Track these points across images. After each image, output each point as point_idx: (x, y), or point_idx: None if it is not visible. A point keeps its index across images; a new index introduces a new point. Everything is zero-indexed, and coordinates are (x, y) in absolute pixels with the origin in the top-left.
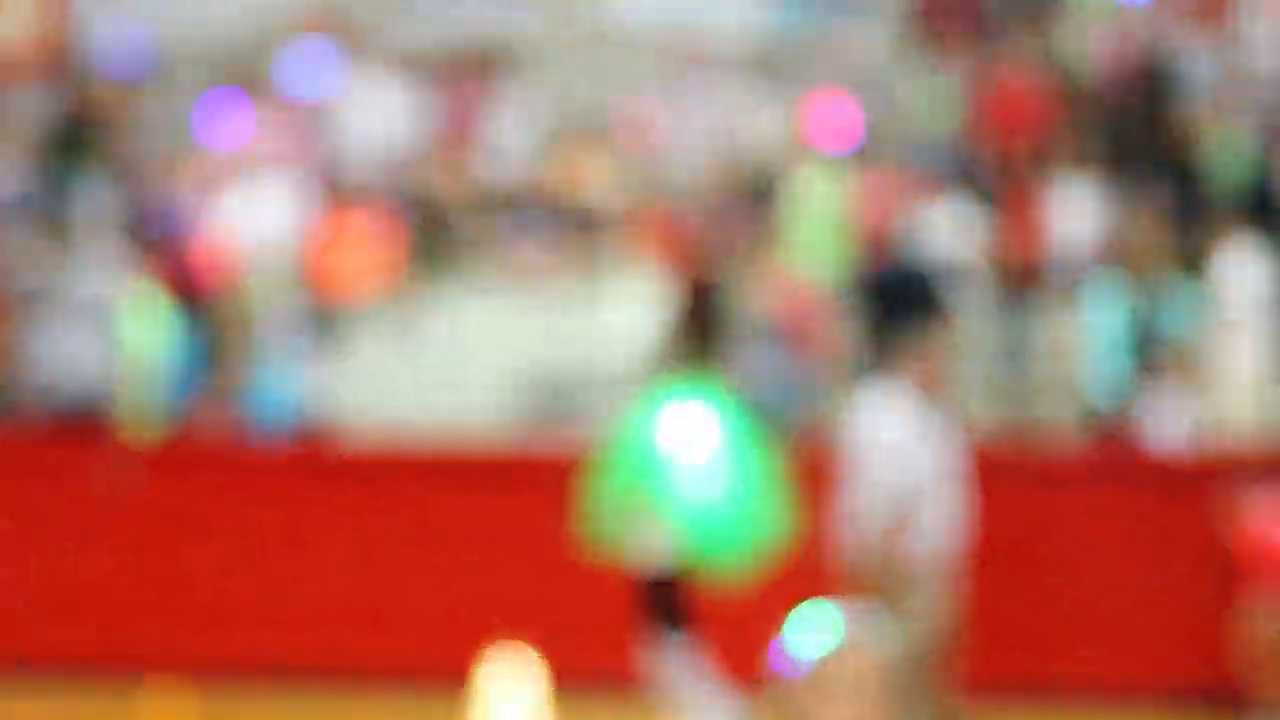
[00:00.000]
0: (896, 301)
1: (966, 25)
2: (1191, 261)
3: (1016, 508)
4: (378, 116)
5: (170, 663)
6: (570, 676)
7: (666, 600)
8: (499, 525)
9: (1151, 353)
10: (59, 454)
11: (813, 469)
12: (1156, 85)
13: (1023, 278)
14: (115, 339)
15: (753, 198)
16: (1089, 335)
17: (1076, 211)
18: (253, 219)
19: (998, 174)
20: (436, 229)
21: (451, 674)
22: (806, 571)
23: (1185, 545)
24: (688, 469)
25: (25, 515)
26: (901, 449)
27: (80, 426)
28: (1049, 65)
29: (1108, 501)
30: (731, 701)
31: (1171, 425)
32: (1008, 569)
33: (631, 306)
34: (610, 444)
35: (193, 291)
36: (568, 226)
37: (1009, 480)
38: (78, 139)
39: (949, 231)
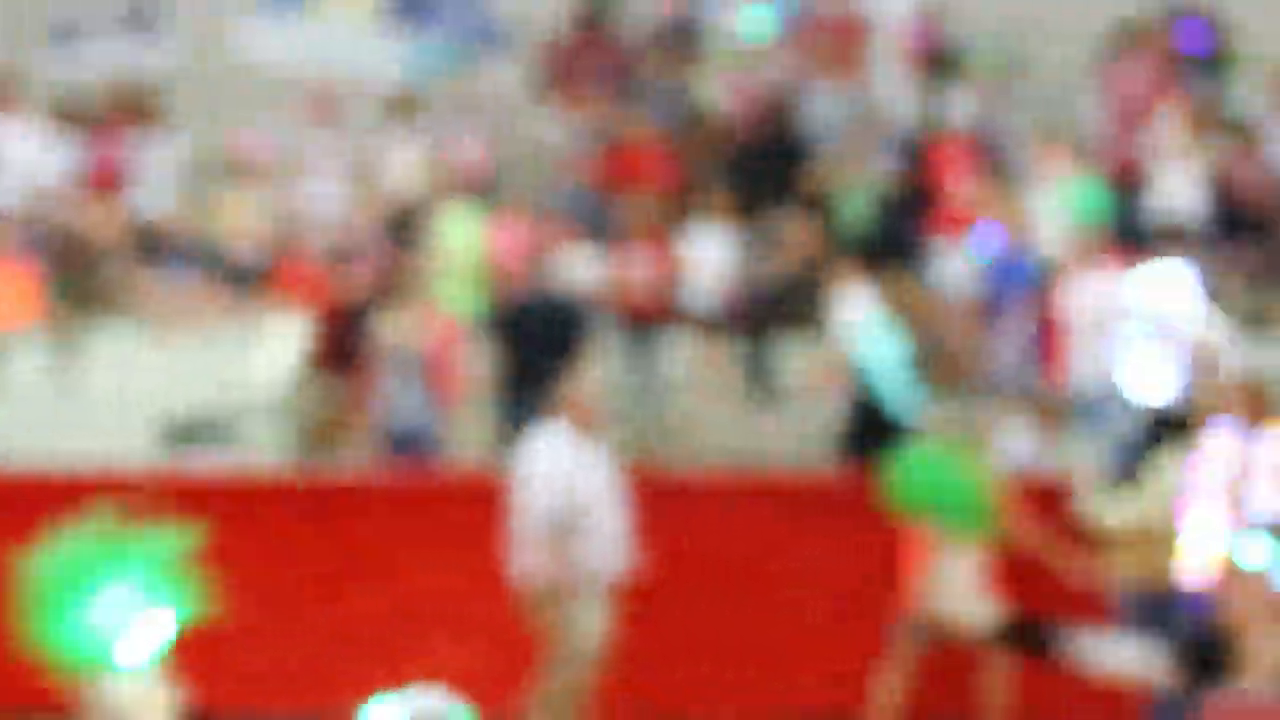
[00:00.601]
0: (544, 342)
1: (602, 70)
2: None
3: (674, 535)
4: (28, 160)
5: None
6: None
7: None
8: None
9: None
10: None
11: (457, 496)
12: (788, 129)
13: (652, 317)
14: None
15: (394, 237)
16: (862, 364)
17: (707, 252)
18: None
19: (629, 216)
20: (85, 270)
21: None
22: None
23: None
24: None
25: None
26: (558, 476)
27: None
28: (683, 109)
29: (760, 528)
30: None
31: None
32: (668, 596)
33: (276, 345)
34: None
35: None
36: (213, 267)
37: (659, 508)
38: None
39: (582, 273)
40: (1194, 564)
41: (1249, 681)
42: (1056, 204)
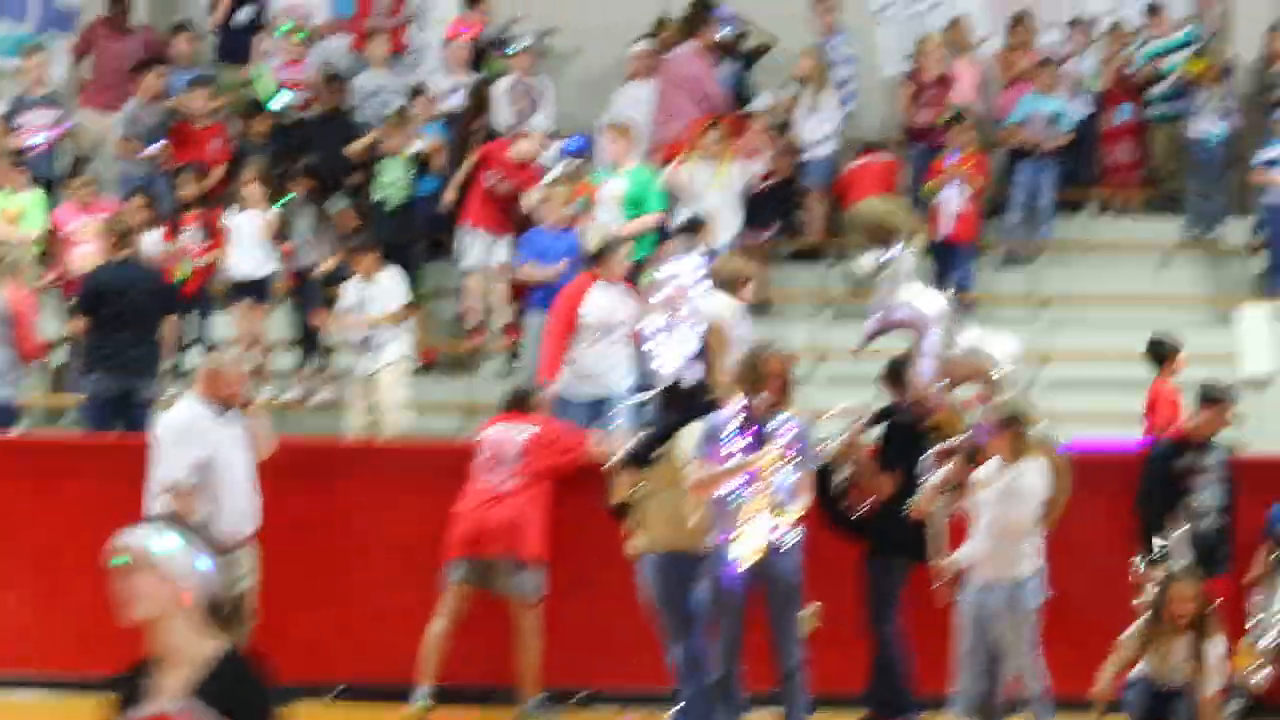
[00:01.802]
0: (124, 314)
1: (137, 57)
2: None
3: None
4: None
5: None
6: None
7: None
8: None
9: None
10: None
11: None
12: (340, 111)
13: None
14: None
15: None
16: None
17: (254, 227)
18: None
19: (186, 193)
20: None
21: None
22: None
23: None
24: None
25: None
26: (187, 434)
27: None
28: (241, 94)
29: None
30: None
31: None
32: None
33: None
34: None
35: None
36: None
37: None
38: None
39: (149, 247)
40: (718, 534)
41: None
42: (617, 193)
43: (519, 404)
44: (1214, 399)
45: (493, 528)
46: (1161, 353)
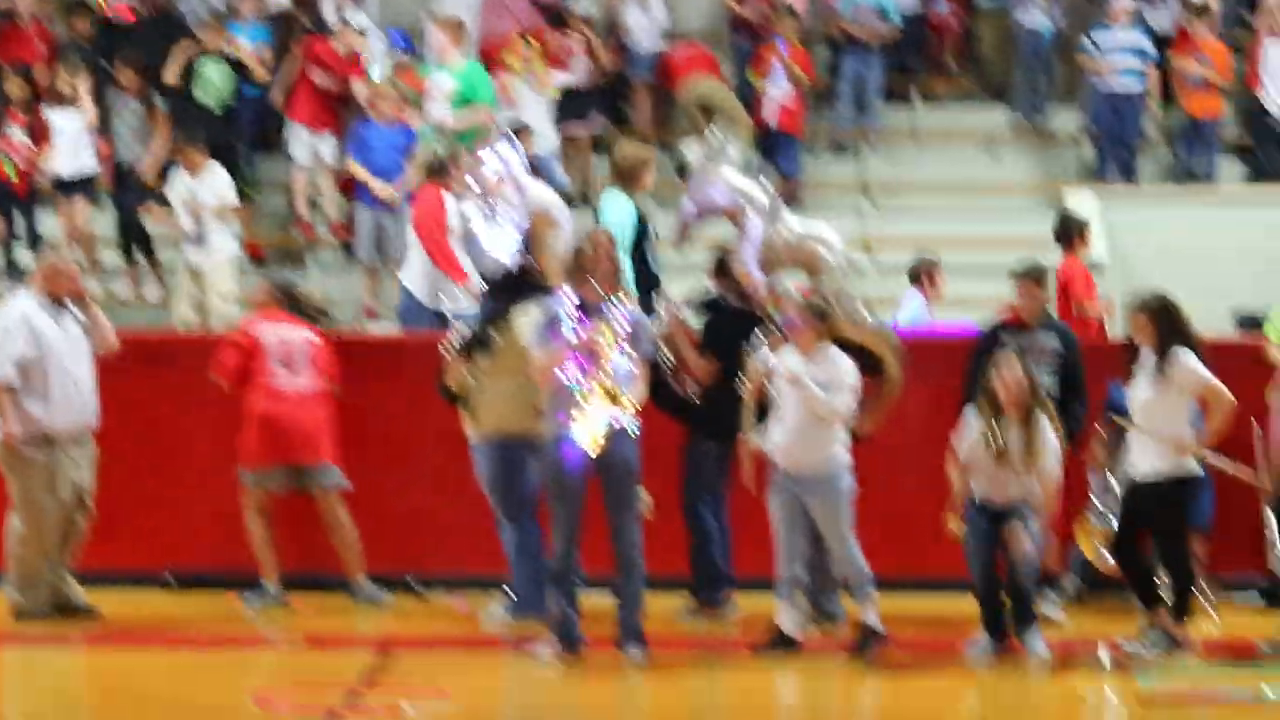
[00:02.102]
0: None
1: None
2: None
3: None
4: None
5: None
6: None
7: None
8: None
9: None
10: None
11: None
12: (164, 10)
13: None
14: None
15: None
16: None
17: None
18: None
19: (16, 96)
20: None
21: None
22: None
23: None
24: None
25: None
26: (16, 330)
27: None
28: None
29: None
30: None
31: None
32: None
33: None
34: None
35: None
36: None
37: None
38: None
39: None
40: (558, 419)
41: None
42: (446, 89)
43: (292, 304)
44: (1025, 276)
45: (297, 434)
46: (1069, 231)
